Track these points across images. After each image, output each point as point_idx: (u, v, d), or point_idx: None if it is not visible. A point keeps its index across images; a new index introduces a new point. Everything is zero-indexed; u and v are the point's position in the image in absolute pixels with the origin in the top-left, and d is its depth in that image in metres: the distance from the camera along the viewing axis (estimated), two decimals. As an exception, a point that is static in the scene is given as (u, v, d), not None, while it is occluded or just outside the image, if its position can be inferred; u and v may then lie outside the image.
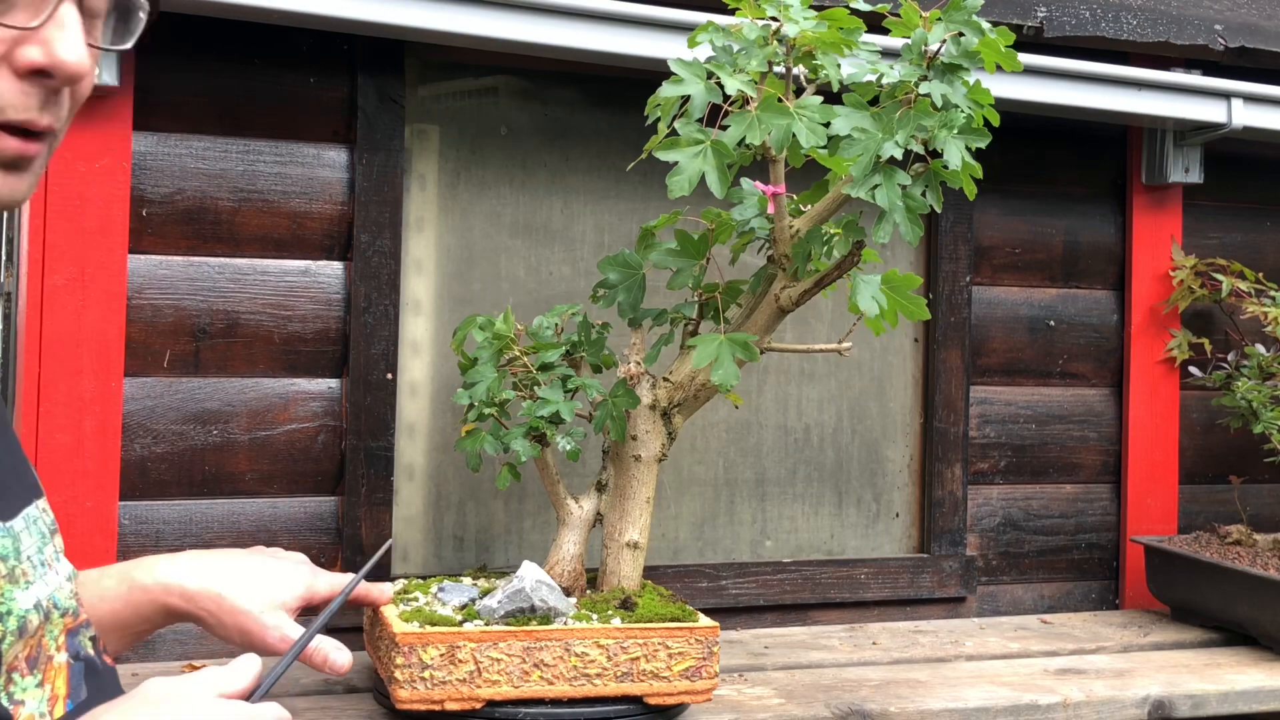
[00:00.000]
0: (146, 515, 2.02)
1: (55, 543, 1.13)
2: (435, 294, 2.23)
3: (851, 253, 1.77)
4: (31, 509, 1.10)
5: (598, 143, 2.32)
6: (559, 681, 1.71)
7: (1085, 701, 2.00)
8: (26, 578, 1.05)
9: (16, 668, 1.02)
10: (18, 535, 1.05)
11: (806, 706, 1.90)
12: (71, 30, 0.96)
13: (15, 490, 1.08)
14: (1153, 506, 2.63)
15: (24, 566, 1.05)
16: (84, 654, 1.11)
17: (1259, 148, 2.71)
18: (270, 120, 2.09)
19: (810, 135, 1.65)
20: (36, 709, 1.03)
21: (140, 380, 2.02)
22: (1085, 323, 2.64)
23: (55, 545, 1.12)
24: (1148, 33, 2.46)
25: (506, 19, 2.03)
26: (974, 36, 1.70)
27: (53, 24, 0.96)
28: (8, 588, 1.02)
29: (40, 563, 1.07)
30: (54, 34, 0.96)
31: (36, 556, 1.07)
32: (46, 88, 0.97)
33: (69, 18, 0.96)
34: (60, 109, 0.99)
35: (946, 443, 2.50)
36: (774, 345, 1.90)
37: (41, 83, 0.97)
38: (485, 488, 2.24)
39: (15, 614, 1.02)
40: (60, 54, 0.95)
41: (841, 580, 2.42)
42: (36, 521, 1.10)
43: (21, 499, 1.09)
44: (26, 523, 1.08)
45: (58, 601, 1.08)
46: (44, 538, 1.10)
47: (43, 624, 1.06)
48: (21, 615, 1.02)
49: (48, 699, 1.04)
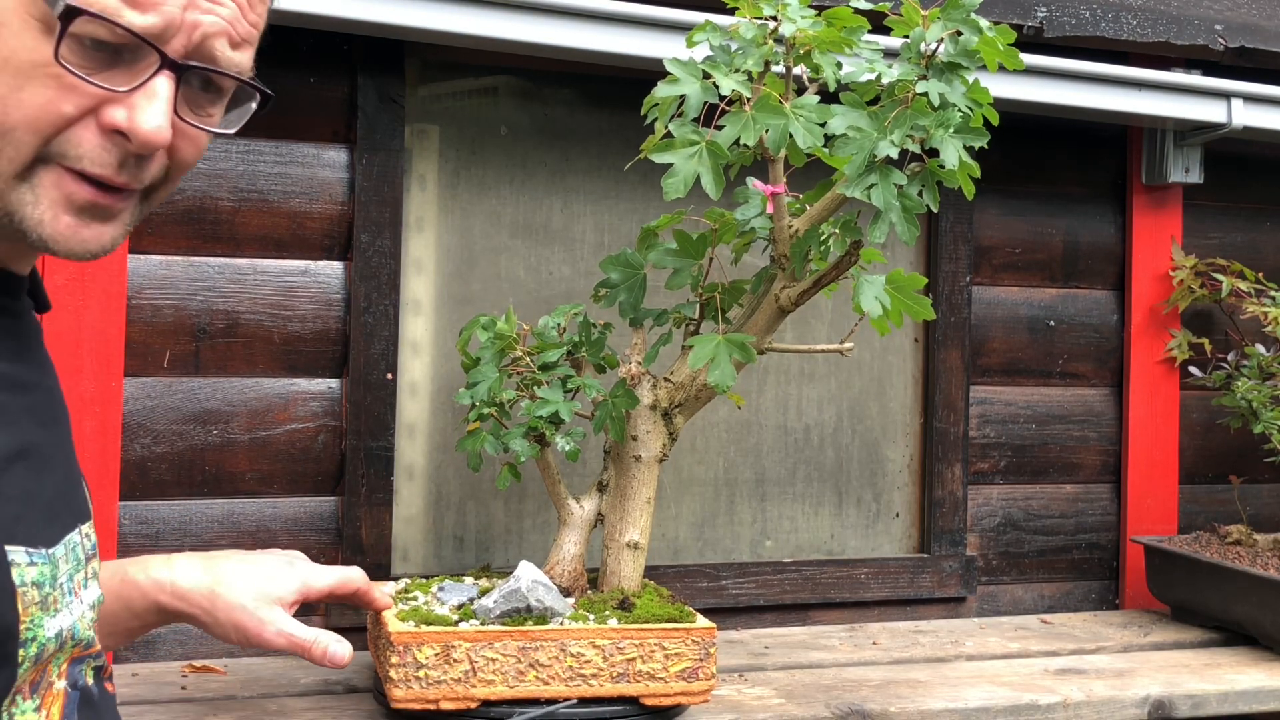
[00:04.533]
0: (146, 515, 2.03)
1: (89, 569, 1.13)
2: (435, 294, 2.23)
3: (849, 253, 1.77)
4: (74, 534, 1.10)
5: (597, 143, 2.32)
6: (555, 682, 1.71)
7: (1085, 701, 2.00)
8: (55, 605, 1.05)
9: (20, 690, 1.02)
10: (56, 562, 1.06)
11: (806, 706, 1.90)
12: (159, 102, 1.00)
13: (63, 517, 1.09)
14: (1153, 506, 2.63)
15: (56, 594, 1.05)
16: (81, 684, 1.11)
17: (1259, 148, 2.71)
18: (270, 120, 2.09)
19: (807, 135, 1.64)
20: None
21: (140, 380, 2.02)
22: (1085, 323, 2.64)
23: (88, 571, 1.13)
24: (1148, 33, 2.46)
25: (506, 19, 2.03)
26: (973, 35, 1.70)
27: (142, 93, 1.00)
28: (39, 615, 1.02)
29: (69, 590, 1.08)
30: (141, 101, 1.00)
31: (67, 584, 1.07)
32: (125, 149, 1.01)
33: (161, 89, 1.01)
34: (142, 172, 1.03)
35: (946, 443, 2.50)
36: (774, 345, 1.90)
37: (121, 143, 1.01)
38: (485, 488, 2.24)
39: (39, 640, 1.02)
40: (140, 122, 1.00)
41: (841, 580, 2.42)
42: (76, 548, 1.10)
43: (67, 526, 1.09)
44: (66, 549, 1.08)
45: (76, 632, 1.09)
46: (78, 564, 1.10)
47: (55, 652, 1.06)
48: (43, 642, 1.03)
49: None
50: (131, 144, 1.00)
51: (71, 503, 1.11)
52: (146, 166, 1.04)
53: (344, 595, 1.68)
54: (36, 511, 1.04)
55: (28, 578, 1.01)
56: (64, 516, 1.09)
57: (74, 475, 1.14)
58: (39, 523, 1.04)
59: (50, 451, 1.09)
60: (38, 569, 1.02)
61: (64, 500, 1.10)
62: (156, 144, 1.01)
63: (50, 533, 1.06)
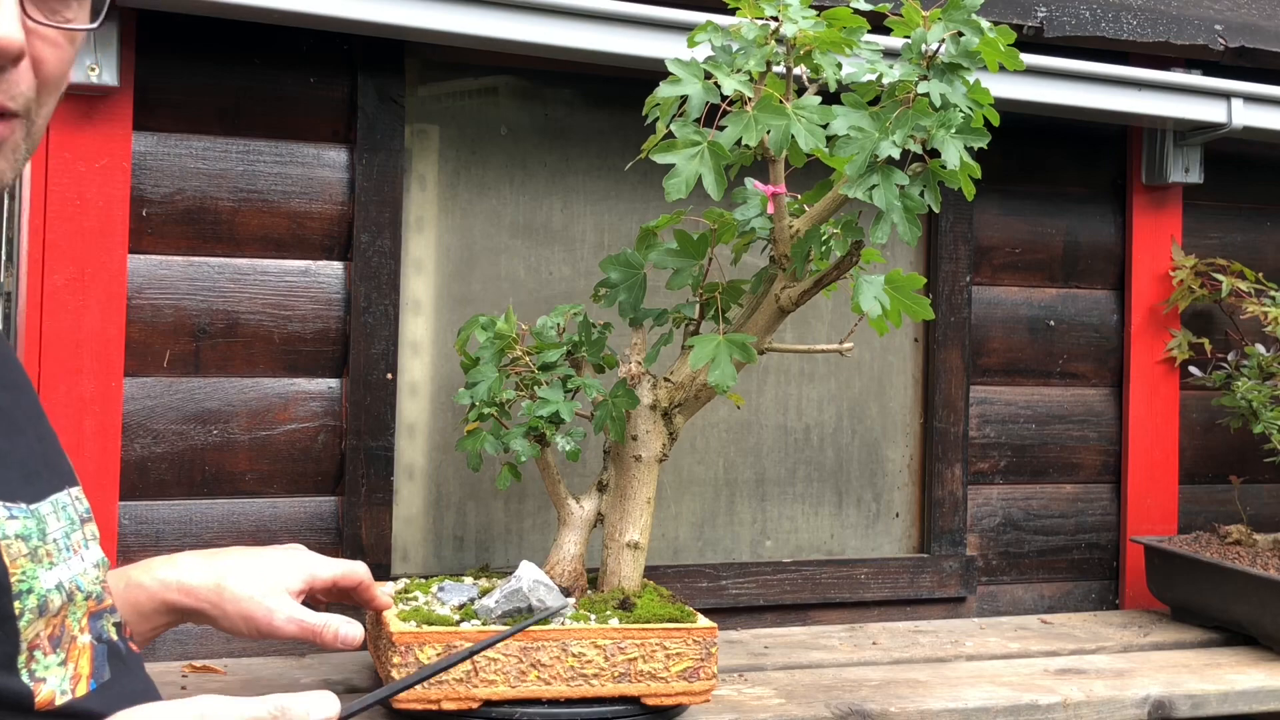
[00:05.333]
0: (146, 515, 2.03)
1: (86, 530, 1.13)
2: (435, 294, 2.23)
3: (850, 253, 1.77)
4: (63, 495, 1.11)
5: (598, 143, 2.32)
6: (556, 681, 1.71)
7: (1085, 701, 2.00)
8: (50, 558, 1.05)
9: (38, 645, 1.02)
10: (43, 518, 1.06)
11: (806, 706, 1.90)
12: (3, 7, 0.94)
13: (45, 477, 1.09)
14: (1153, 506, 2.63)
15: (48, 547, 1.06)
16: (106, 637, 1.12)
17: (1259, 148, 2.71)
18: (270, 120, 2.10)
19: (808, 136, 1.65)
20: (58, 686, 1.03)
21: (140, 380, 2.02)
22: (1085, 323, 2.64)
23: (85, 533, 1.13)
24: (1148, 33, 2.46)
25: (506, 19, 2.03)
26: (973, 36, 1.70)
27: None
28: (30, 566, 1.02)
29: (66, 546, 1.08)
30: None
31: (63, 540, 1.08)
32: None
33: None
34: (13, 88, 0.97)
35: (946, 443, 2.50)
36: (774, 346, 1.90)
37: None
38: (485, 488, 2.24)
39: (36, 592, 1.02)
40: None
41: (841, 580, 2.42)
42: (66, 508, 1.11)
43: (53, 486, 1.10)
44: (54, 507, 1.09)
45: (80, 585, 1.09)
46: (73, 523, 1.11)
47: (65, 605, 1.06)
48: (42, 594, 1.03)
49: (70, 677, 1.05)
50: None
51: (53, 465, 1.12)
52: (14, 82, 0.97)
53: (347, 587, 1.67)
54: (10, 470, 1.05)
55: (9, 531, 1.01)
56: (45, 476, 1.10)
57: (50, 441, 1.14)
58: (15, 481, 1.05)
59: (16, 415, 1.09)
60: (20, 522, 1.03)
61: (42, 460, 1.10)
62: (10, 50, 0.95)
63: (31, 490, 1.06)
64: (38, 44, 0.99)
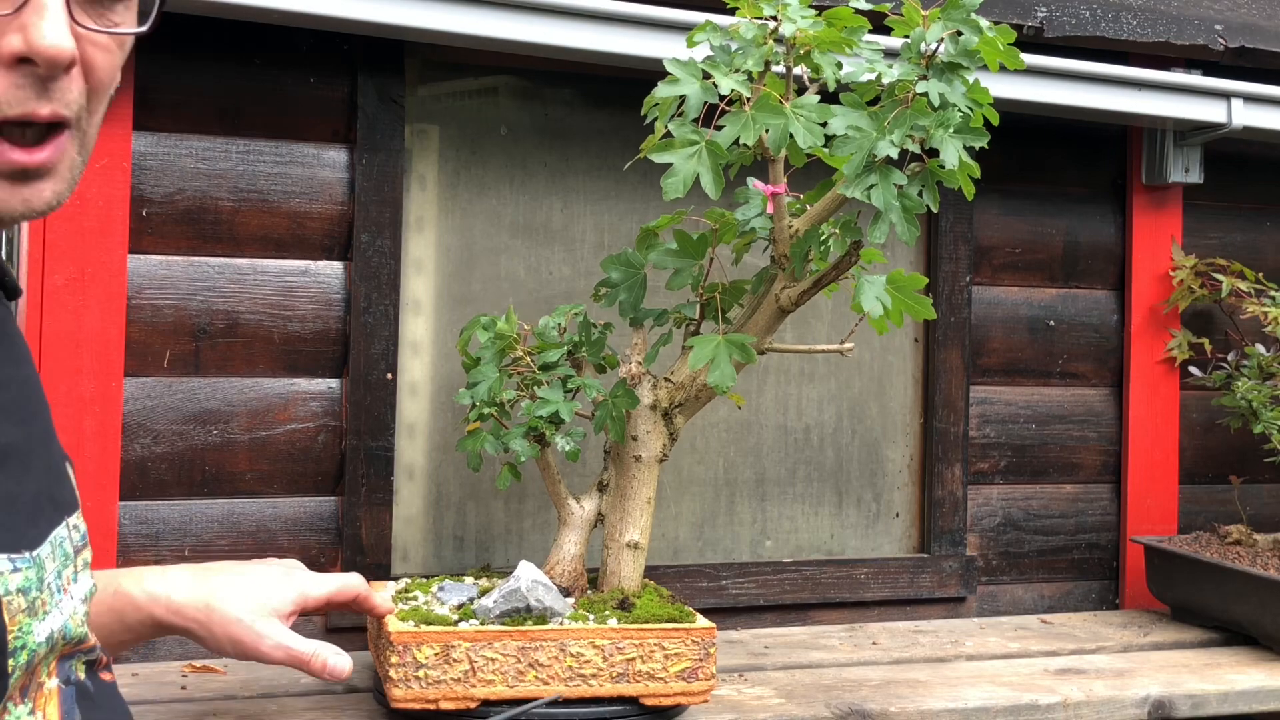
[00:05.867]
0: (146, 515, 2.03)
1: (78, 561, 1.09)
2: (435, 294, 2.23)
3: (849, 253, 1.77)
4: (61, 529, 1.06)
5: (597, 143, 2.32)
6: (554, 682, 1.71)
7: (1085, 701, 2.00)
8: (44, 607, 1.01)
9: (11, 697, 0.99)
10: (43, 563, 1.02)
11: (806, 706, 1.90)
12: (51, 13, 0.93)
13: (47, 512, 1.05)
14: (1153, 506, 2.63)
15: (44, 596, 1.01)
16: (74, 679, 1.08)
17: (1259, 148, 2.71)
18: (270, 120, 2.10)
19: (807, 135, 1.64)
20: None
21: (140, 380, 2.02)
22: (1085, 323, 2.64)
23: (78, 564, 1.09)
24: (1148, 33, 2.46)
25: (506, 19, 2.03)
26: (973, 35, 1.70)
27: (30, 9, 0.93)
28: (27, 621, 0.99)
29: (58, 588, 1.04)
30: (32, 19, 0.92)
31: (55, 582, 1.04)
32: (37, 77, 0.94)
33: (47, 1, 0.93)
34: (66, 95, 0.96)
35: (946, 443, 2.50)
36: (774, 346, 1.90)
37: (31, 72, 0.94)
38: (485, 488, 2.24)
39: (29, 647, 0.99)
40: (37, 39, 0.92)
41: (841, 580, 2.42)
42: (64, 542, 1.06)
43: (53, 521, 1.05)
44: (53, 546, 1.04)
45: (68, 632, 1.05)
46: (67, 558, 1.07)
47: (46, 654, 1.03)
48: (33, 648, 1.00)
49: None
50: (40, 67, 0.93)
51: (56, 496, 1.07)
52: (66, 89, 0.96)
53: (343, 602, 1.67)
54: (17, 515, 1.00)
55: (12, 585, 0.97)
56: (48, 512, 1.05)
57: (57, 467, 1.09)
58: (21, 526, 1.01)
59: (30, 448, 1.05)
60: (22, 575, 0.99)
61: (47, 496, 1.06)
62: (62, 58, 0.93)
63: (34, 533, 1.02)
64: (88, 49, 0.98)
